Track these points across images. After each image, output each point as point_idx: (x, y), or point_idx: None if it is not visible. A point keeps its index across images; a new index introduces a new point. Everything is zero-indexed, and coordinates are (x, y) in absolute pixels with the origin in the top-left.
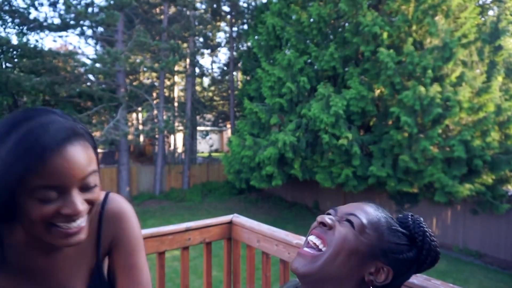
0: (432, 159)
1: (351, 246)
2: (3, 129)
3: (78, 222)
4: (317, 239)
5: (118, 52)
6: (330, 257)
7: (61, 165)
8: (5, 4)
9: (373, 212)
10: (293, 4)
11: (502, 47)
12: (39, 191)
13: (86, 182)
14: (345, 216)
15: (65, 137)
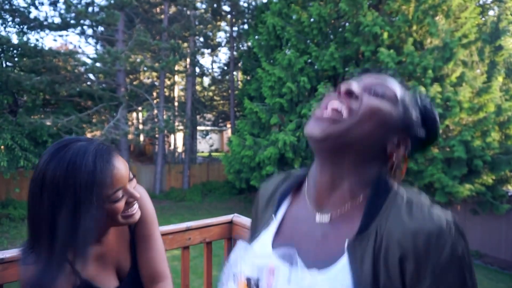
0: (432, 159)
1: (381, 117)
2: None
3: (135, 206)
4: (340, 105)
5: (118, 51)
6: (357, 123)
7: (118, 174)
8: (5, 3)
9: (399, 86)
10: (293, 4)
11: (502, 47)
12: (112, 195)
13: (130, 177)
14: (373, 87)
15: (111, 154)
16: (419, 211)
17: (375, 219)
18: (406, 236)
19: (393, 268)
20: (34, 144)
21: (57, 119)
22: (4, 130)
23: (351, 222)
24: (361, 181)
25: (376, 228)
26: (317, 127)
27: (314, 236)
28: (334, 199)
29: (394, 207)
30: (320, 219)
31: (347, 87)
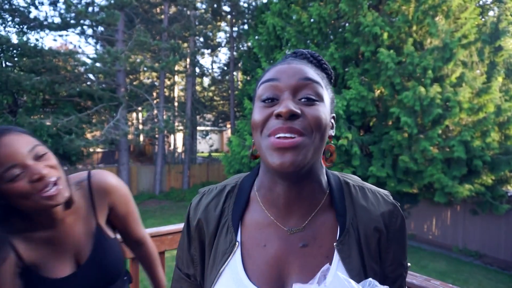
0: (432, 160)
1: (325, 120)
2: None
3: (55, 187)
4: (290, 134)
5: (118, 51)
6: (314, 140)
7: (6, 151)
8: (5, 3)
9: (313, 71)
10: (293, 4)
11: (502, 47)
12: (5, 174)
13: (35, 153)
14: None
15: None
16: (373, 196)
17: (346, 215)
18: (378, 221)
19: (374, 250)
20: None
21: (56, 119)
22: None
23: (323, 224)
24: (321, 184)
25: (350, 223)
26: (285, 159)
27: (292, 250)
28: (302, 208)
29: (353, 198)
30: (292, 230)
31: (288, 110)
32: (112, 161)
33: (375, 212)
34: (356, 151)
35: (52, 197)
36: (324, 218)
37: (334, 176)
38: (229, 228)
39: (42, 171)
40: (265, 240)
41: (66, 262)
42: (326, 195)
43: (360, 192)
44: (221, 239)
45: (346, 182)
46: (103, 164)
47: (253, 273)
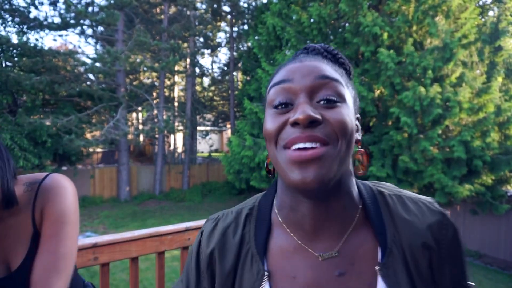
0: (432, 160)
1: (350, 124)
2: None
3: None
4: (311, 144)
5: (118, 51)
6: (339, 149)
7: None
8: (5, 2)
9: (330, 67)
10: (293, 4)
11: (502, 47)
12: None
13: None
14: (316, 94)
15: None
16: (414, 205)
17: (386, 232)
18: (426, 235)
19: (425, 271)
20: (34, 144)
21: (56, 119)
22: (3, 130)
23: (361, 246)
24: (353, 197)
25: (392, 240)
26: (307, 174)
27: (327, 280)
28: (333, 229)
29: (391, 211)
30: (324, 255)
31: (306, 116)
32: (112, 161)
33: (420, 225)
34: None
35: None
36: (360, 238)
37: (365, 187)
38: (254, 257)
39: None
40: (294, 270)
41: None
42: (360, 210)
43: (399, 202)
44: (246, 270)
45: (380, 191)
46: (103, 164)
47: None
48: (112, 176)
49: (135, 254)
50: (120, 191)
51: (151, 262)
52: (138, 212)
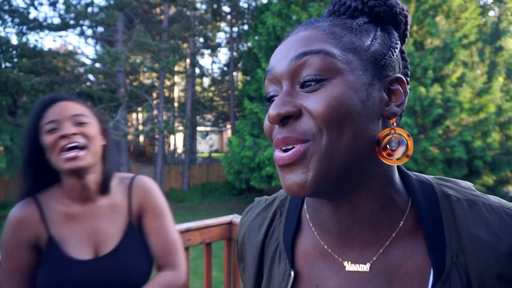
0: (432, 160)
1: (352, 106)
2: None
3: (76, 151)
4: (286, 147)
5: (118, 52)
6: (330, 141)
7: (53, 109)
8: (4, 3)
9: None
10: (293, 4)
11: (502, 47)
12: (45, 126)
13: (75, 119)
14: (297, 77)
15: (58, 96)
16: (495, 218)
17: (446, 250)
18: (506, 263)
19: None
20: None
21: None
22: (3, 131)
23: (405, 261)
24: (392, 198)
25: (454, 263)
26: (289, 181)
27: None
28: (365, 236)
29: (458, 222)
30: (354, 267)
31: (273, 116)
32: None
33: (500, 247)
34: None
35: (69, 159)
36: (406, 252)
37: (423, 184)
38: (282, 254)
39: (69, 131)
40: (318, 278)
41: (86, 247)
42: (407, 216)
43: (472, 211)
44: (275, 267)
45: (446, 194)
46: None
47: None
48: None
49: None
50: None
51: None
52: None
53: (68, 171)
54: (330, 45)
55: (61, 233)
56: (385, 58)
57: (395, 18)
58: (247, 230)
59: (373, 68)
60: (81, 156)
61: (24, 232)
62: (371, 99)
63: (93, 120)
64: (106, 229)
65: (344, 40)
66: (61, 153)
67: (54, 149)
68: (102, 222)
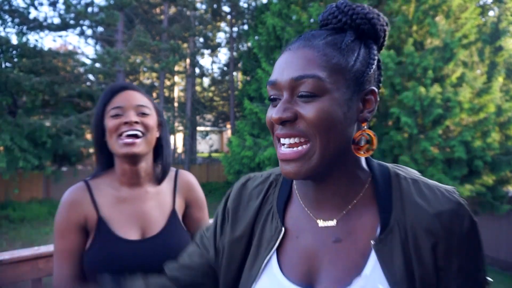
0: (432, 160)
1: (335, 114)
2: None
3: (134, 138)
4: (289, 140)
5: (118, 52)
6: (321, 143)
7: (123, 97)
8: (4, 3)
9: (316, 55)
10: (293, 4)
11: (502, 47)
12: (110, 111)
13: (139, 109)
14: (295, 89)
15: (124, 85)
16: (430, 192)
17: (391, 212)
18: (432, 221)
19: (427, 257)
20: (33, 145)
21: (56, 120)
22: (3, 131)
23: (360, 219)
24: (356, 176)
25: (396, 221)
26: (289, 170)
27: (324, 244)
28: (334, 202)
29: (403, 193)
30: (324, 223)
31: (277, 118)
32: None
33: (429, 211)
34: None
35: (126, 144)
36: (362, 213)
37: (381, 167)
38: (274, 215)
39: (132, 119)
40: (298, 231)
41: (134, 229)
42: (366, 188)
43: (413, 186)
44: (267, 225)
45: (397, 173)
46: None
47: (284, 264)
48: None
49: None
50: None
51: None
52: None
53: (123, 155)
54: (321, 70)
55: (110, 215)
56: (363, 76)
57: (377, 34)
58: (248, 196)
59: (354, 85)
60: (138, 143)
61: (74, 214)
62: (350, 110)
63: (154, 112)
64: (152, 213)
65: (333, 62)
66: (120, 137)
67: (115, 133)
68: (149, 207)
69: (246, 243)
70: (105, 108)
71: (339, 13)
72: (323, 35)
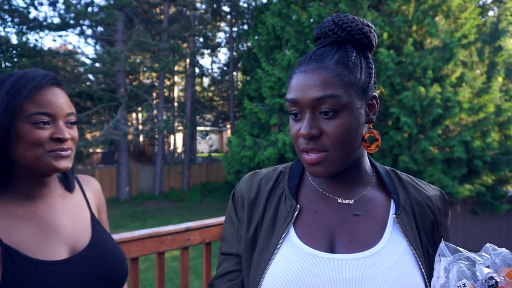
0: (432, 160)
1: (352, 127)
2: (4, 76)
3: (68, 152)
4: (313, 153)
5: (118, 52)
6: (339, 152)
7: (52, 97)
8: (4, 3)
9: (331, 78)
10: (293, 4)
11: (502, 47)
12: (34, 116)
13: (69, 118)
14: (317, 107)
15: (54, 79)
16: (421, 183)
17: (399, 194)
18: (430, 201)
19: (429, 228)
20: None
21: None
22: None
23: (374, 200)
24: (365, 170)
25: (404, 201)
26: (316, 171)
27: (344, 217)
28: (351, 187)
29: (403, 182)
30: (343, 201)
31: (305, 134)
32: (112, 161)
33: (427, 194)
34: None
35: (61, 158)
36: (375, 196)
37: (381, 165)
38: (287, 196)
39: (66, 135)
40: (316, 207)
41: (58, 247)
42: (374, 179)
43: (409, 178)
44: (281, 205)
45: (393, 170)
46: (103, 165)
47: (303, 235)
48: (112, 177)
49: (135, 255)
50: (120, 191)
51: (151, 262)
52: (137, 212)
53: (54, 171)
54: (337, 88)
55: (18, 239)
56: (368, 85)
57: (371, 43)
58: (258, 183)
59: (362, 95)
60: (71, 157)
61: None
62: (361, 117)
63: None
64: (73, 224)
65: (345, 80)
66: (50, 151)
67: (38, 147)
68: (66, 218)
69: (260, 225)
70: (22, 107)
71: (338, 29)
72: (330, 54)
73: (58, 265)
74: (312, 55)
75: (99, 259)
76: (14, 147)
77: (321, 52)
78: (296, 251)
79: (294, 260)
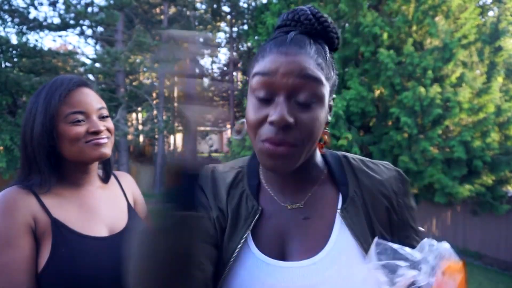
0: (432, 160)
1: (322, 123)
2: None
3: (104, 139)
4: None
5: (117, 52)
6: (306, 146)
7: (81, 97)
8: (4, 3)
9: (314, 60)
10: (293, 4)
11: (502, 48)
12: (70, 116)
13: (101, 112)
14: (295, 94)
15: (80, 81)
16: (374, 165)
17: (348, 184)
18: (383, 186)
19: (383, 215)
20: None
21: None
22: (3, 131)
23: (323, 198)
24: (317, 165)
25: (354, 191)
26: (276, 164)
27: (294, 222)
28: (299, 188)
29: (354, 168)
30: (293, 206)
31: (282, 120)
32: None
33: (379, 179)
34: (356, 151)
35: (100, 146)
36: (324, 193)
37: (332, 154)
38: (249, 196)
39: (100, 127)
40: (270, 213)
41: (99, 226)
42: (324, 173)
43: (361, 162)
44: (242, 206)
45: (344, 155)
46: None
47: (259, 241)
48: None
49: None
50: None
51: None
52: None
53: (96, 159)
54: (317, 78)
55: (66, 216)
56: (335, 84)
57: (336, 46)
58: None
59: (331, 93)
60: (108, 145)
61: (21, 216)
62: (327, 114)
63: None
64: (112, 209)
65: (324, 72)
66: (88, 142)
67: (78, 141)
68: (106, 204)
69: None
70: (58, 110)
71: (315, 20)
72: (308, 42)
73: (100, 240)
74: (293, 38)
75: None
76: (60, 145)
77: (300, 38)
78: (250, 257)
79: (251, 271)
